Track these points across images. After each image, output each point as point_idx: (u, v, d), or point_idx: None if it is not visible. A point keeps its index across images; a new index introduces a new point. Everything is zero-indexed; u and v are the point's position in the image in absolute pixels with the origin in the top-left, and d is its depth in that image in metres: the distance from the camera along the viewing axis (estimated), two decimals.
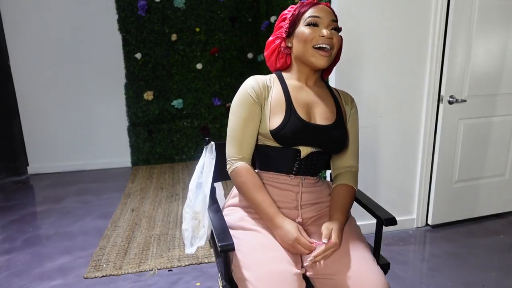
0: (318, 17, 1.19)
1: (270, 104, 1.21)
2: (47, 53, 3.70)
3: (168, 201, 3.13)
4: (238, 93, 1.24)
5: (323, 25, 1.19)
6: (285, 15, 1.27)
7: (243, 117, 1.21)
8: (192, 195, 1.42)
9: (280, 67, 1.32)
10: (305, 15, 1.21)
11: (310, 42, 1.18)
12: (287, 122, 1.18)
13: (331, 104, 1.27)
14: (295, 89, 1.25)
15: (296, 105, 1.21)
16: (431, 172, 2.53)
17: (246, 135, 1.21)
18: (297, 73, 1.27)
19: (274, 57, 1.31)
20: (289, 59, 1.29)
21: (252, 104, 1.21)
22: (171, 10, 3.81)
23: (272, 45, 1.30)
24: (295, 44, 1.23)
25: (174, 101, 4.02)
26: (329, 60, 1.20)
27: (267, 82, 1.25)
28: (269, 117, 1.20)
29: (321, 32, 1.17)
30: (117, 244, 2.44)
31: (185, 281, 2.05)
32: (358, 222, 1.30)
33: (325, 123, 1.23)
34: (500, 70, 2.46)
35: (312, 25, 1.19)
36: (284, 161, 1.22)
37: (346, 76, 2.23)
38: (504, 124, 2.59)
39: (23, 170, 3.91)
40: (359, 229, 1.27)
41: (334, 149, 1.26)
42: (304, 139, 1.20)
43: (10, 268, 2.21)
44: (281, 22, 1.28)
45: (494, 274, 2.08)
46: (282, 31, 1.27)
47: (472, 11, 2.28)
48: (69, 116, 3.87)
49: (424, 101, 2.40)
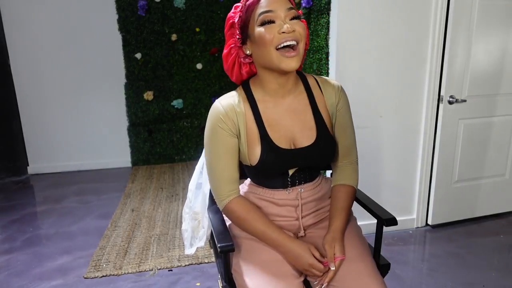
0: (271, 11, 1.01)
1: (245, 135, 1.10)
2: (47, 53, 3.70)
3: (168, 201, 3.13)
4: (208, 127, 1.11)
5: (280, 18, 1.01)
6: (232, 19, 1.10)
7: (219, 154, 1.10)
8: (191, 196, 1.42)
9: (247, 77, 1.17)
10: (255, 14, 1.03)
11: (271, 44, 1.01)
12: (265, 157, 1.08)
13: (309, 117, 1.14)
14: (267, 111, 1.11)
15: (272, 133, 1.10)
16: (431, 172, 2.53)
17: (227, 170, 1.11)
18: (266, 83, 1.11)
19: (237, 70, 1.15)
20: (254, 67, 1.13)
21: (226, 136, 1.09)
22: (171, 10, 3.81)
23: (229, 58, 1.13)
24: (254, 50, 1.07)
25: (174, 101, 4.02)
26: (299, 59, 1.04)
27: (235, 108, 1.10)
28: (246, 150, 1.11)
29: (281, 29, 1.00)
30: (117, 244, 2.44)
31: (185, 281, 2.05)
32: (359, 222, 1.29)
33: (306, 143, 1.12)
34: (500, 70, 2.46)
35: (267, 23, 1.02)
36: (275, 180, 1.16)
37: (346, 76, 2.23)
38: (504, 124, 2.59)
39: (23, 170, 3.91)
40: (360, 230, 1.25)
41: (321, 165, 1.18)
42: (288, 166, 1.13)
43: (10, 268, 2.21)
44: (229, 28, 1.11)
45: (494, 274, 2.08)
46: (234, 39, 1.10)
47: (472, 11, 2.28)
48: (69, 116, 3.87)
49: (424, 101, 2.40)
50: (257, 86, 1.14)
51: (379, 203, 1.32)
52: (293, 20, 1.03)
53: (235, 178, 1.13)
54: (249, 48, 1.09)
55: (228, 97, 1.13)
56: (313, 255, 1.05)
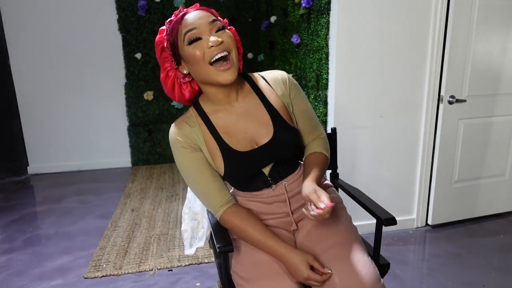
0: (195, 28, 1.03)
1: (206, 148, 1.12)
2: (47, 53, 3.70)
3: (168, 201, 3.13)
4: (173, 152, 1.13)
5: (205, 33, 1.03)
6: (161, 44, 1.11)
7: (193, 171, 1.12)
8: (191, 196, 1.42)
9: (191, 96, 1.17)
10: (181, 34, 1.04)
11: (203, 60, 1.03)
12: (229, 163, 1.10)
13: (262, 113, 1.15)
14: (220, 121, 1.13)
15: (229, 140, 1.11)
16: (431, 172, 2.53)
17: (208, 185, 1.12)
18: (212, 96, 1.12)
19: (178, 91, 1.15)
20: (195, 85, 1.15)
21: (191, 154, 1.11)
22: (171, 10, 3.81)
23: (168, 81, 1.13)
24: (190, 69, 1.08)
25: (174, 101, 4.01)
26: (235, 70, 1.05)
27: (188, 124, 1.12)
28: (212, 162, 1.12)
29: (209, 43, 1.02)
30: (117, 244, 2.44)
31: (185, 281, 2.05)
32: (359, 222, 1.30)
33: (266, 139, 1.12)
34: (500, 70, 2.46)
35: (194, 41, 1.03)
36: (255, 183, 1.17)
37: (346, 76, 2.23)
38: (504, 124, 2.59)
39: (23, 170, 3.91)
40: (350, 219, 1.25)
41: (289, 155, 1.17)
42: (257, 166, 1.14)
43: (10, 268, 2.21)
44: (161, 52, 1.11)
45: (494, 274, 2.08)
46: (168, 62, 1.11)
47: (472, 11, 2.28)
48: (69, 116, 3.87)
49: (424, 101, 2.40)
50: (204, 100, 1.16)
51: (379, 203, 1.32)
52: (219, 32, 1.05)
53: (220, 187, 1.14)
54: (185, 68, 1.10)
55: (180, 119, 1.15)
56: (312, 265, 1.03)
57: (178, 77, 1.13)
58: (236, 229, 1.12)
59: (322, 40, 2.30)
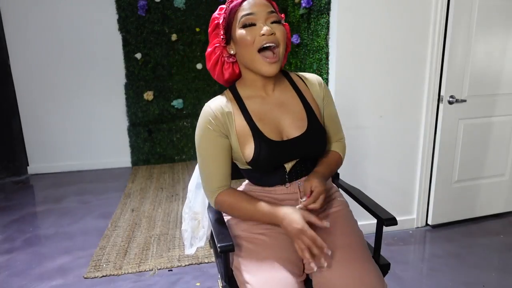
0: (252, 14, 1.06)
1: (236, 134, 1.12)
2: (47, 53, 3.70)
3: (168, 201, 3.13)
4: (198, 128, 1.15)
5: (261, 21, 1.06)
6: (217, 20, 1.14)
7: (209, 153, 1.13)
8: (191, 196, 1.42)
9: (229, 78, 1.20)
10: (238, 16, 1.07)
11: (252, 46, 1.06)
12: (259, 151, 1.10)
13: (298, 107, 1.18)
14: (255, 106, 1.15)
15: (262, 127, 1.12)
16: (431, 172, 2.53)
17: (218, 169, 1.14)
18: (251, 82, 1.15)
19: (219, 69, 1.18)
20: (237, 67, 1.17)
21: (216, 137, 1.12)
22: (171, 10, 3.82)
23: (213, 56, 1.16)
24: (238, 51, 1.11)
25: (174, 101, 4.02)
26: (278, 65, 1.09)
27: (224, 108, 1.13)
28: (239, 148, 1.13)
29: (261, 31, 1.05)
30: (117, 244, 2.44)
31: (185, 281, 2.05)
32: (359, 222, 1.29)
33: (298, 133, 1.14)
34: (500, 70, 2.46)
35: (248, 25, 1.06)
36: (272, 177, 1.18)
37: (346, 76, 2.23)
38: (504, 124, 2.59)
39: (23, 170, 3.91)
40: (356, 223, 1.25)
41: (316, 154, 1.20)
42: (283, 159, 1.14)
43: (10, 268, 2.21)
44: (214, 28, 1.15)
45: (494, 274, 2.08)
46: (219, 38, 1.14)
47: (472, 11, 2.28)
48: (69, 116, 3.87)
49: (424, 101, 2.40)
50: (242, 85, 1.19)
51: (379, 203, 1.32)
52: (274, 24, 1.08)
53: (226, 176, 1.16)
54: (233, 48, 1.13)
55: (216, 100, 1.17)
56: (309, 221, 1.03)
57: (223, 55, 1.15)
58: (231, 207, 1.15)
59: (322, 40, 2.30)
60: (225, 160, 1.15)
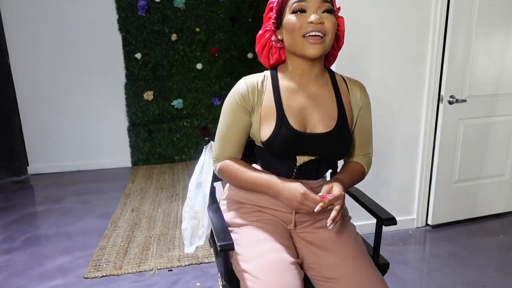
0: (304, 1, 1.04)
1: (260, 113, 1.13)
2: (47, 53, 3.70)
3: (168, 201, 3.13)
4: (229, 97, 1.17)
5: (312, 9, 1.04)
6: (272, 4, 1.14)
7: (229, 124, 1.16)
8: (191, 195, 1.43)
9: (274, 63, 1.20)
10: (290, 2, 1.07)
11: (299, 31, 1.05)
12: (277, 133, 1.10)
13: (332, 106, 1.15)
14: (289, 93, 1.14)
15: (289, 113, 1.12)
16: (431, 172, 2.53)
17: (232, 139, 1.17)
18: (292, 69, 1.15)
19: (266, 52, 1.19)
20: (283, 53, 1.17)
21: (241, 112, 1.14)
22: (171, 10, 3.82)
23: (262, 39, 1.17)
24: (285, 36, 1.10)
25: (174, 101, 4.02)
26: (323, 48, 1.06)
27: (258, 86, 1.14)
28: (258, 126, 1.13)
29: (309, 18, 1.03)
30: (117, 244, 2.44)
31: (185, 281, 2.05)
32: (358, 222, 1.30)
33: (323, 130, 1.12)
34: (500, 70, 2.46)
35: (298, 11, 1.05)
36: (281, 166, 1.17)
37: (345, 76, 2.23)
38: (504, 124, 2.59)
39: (23, 170, 3.91)
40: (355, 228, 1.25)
41: (333, 157, 1.18)
42: (298, 150, 1.12)
43: (10, 268, 2.21)
44: (268, 12, 1.15)
45: (494, 274, 2.08)
46: (270, 22, 1.14)
47: (472, 11, 2.28)
48: (69, 116, 3.87)
49: (424, 101, 2.40)
50: (283, 70, 1.18)
51: (379, 203, 1.32)
52: (325, 13, 1.06)
53: (238, 150, 1.19)
54: (281, 34, 1.12)
55: (253, 76, 1.17)
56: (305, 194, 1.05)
57: (271, 40, 1.15)
58: (233, 176, 1.17)
59: None
60: (241, 136, 1.17)
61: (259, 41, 1.19)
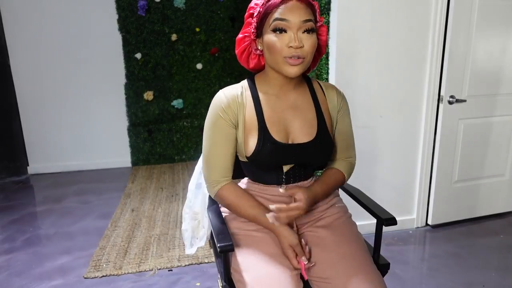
0: (286, 21, 1.02)
1: (244, 127, 1.12)
2: (47, 53, 3.70)
3: (168, 201, 3.13)
4: (210, 113, 1.15)
5: (293, 29, 1.02)
6: (253, 9, 1.10)
7: (217, 141, 1.13)
8: (191, 196, 1.42)
9: (254, 67, 1.19)
10: (272, 17, 1.04)
11: (280, 53, 1.04)
12: (261, 147, 1.10)
13: (311, 114, 1.16)
14: (269, 103, 1.14)
15: (270, 125, 1.12)
16: (431, 172, 2.53)
17: (221, 159, 1.14)
18: (271, 79, 1.14)
19: (246, 57, 1.17)
20: (263, 59, 1.15)
21: (226, 126, 1.12)
22: (171, 10, 3.82)
23: (241, 44, 1.15)
24: (265, 51, 1.09)
25: (174, 101, 4.02)
26: (302, 68, 1.06)
27: (238, 99, 1.13)
28: (243, 140, 1.13)
29: (290, 42, 1.02)
30: (117, 244, 2.44)
31: (185, 281, 2.05)
32: (358, 222, 1.30)
33: (304, 139, 1.13)
34: (500, 70, 2.46)
35: (278, 30, 1.03)
36: (269, 177, 1.18)
37: (345, 76, 2.23)
38: (504, 124, 2.59)
39: (23, 170, 3.91)
40: (356, 227, 1.25)
41: (316, 164, 1.20)
42: (282, 161, 1.14)
43: (10, 268, 2.21)
44: (249, 17, 1.12)
45: (494, 274, 2.08)
46: (250, 30, 1.12)
47: (472, 11, 2.28)
48: (69, 116, 3.87)
49: (424, 101, 2.40)
50: (261, 80, 1.17)
51: (379, 203, 1.32)
52: (306, 34, 1.04)
53: (228, 167, 1.16)
54: (261, 44, 1.11)
55: (231, 88, 1.16)
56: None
57: (251, 47, 1.14)
58: (232, 206, 1.16)
59: None
60: (230, 152, 1.15)
61: (239, 44, 1.17)
